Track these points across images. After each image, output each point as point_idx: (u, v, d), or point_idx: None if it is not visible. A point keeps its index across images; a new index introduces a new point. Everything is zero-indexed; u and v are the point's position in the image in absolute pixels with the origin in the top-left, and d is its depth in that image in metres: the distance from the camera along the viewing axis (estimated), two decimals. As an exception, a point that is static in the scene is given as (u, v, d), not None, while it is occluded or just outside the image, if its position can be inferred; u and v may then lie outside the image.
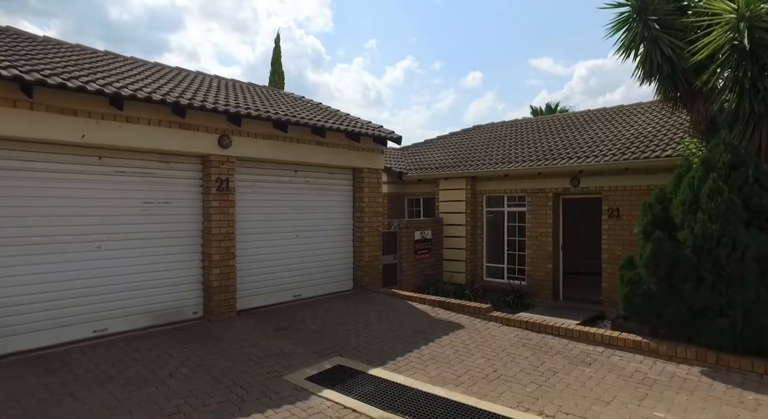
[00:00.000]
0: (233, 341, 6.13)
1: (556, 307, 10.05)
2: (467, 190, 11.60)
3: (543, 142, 11.80)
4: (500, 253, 11.47)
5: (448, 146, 14.52)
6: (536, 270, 10.65)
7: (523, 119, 15.12)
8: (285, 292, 8.13)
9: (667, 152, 8.63)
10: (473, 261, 11.68)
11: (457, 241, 11.73)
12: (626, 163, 8.94)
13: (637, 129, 10.66)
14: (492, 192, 11.48)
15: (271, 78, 15.16)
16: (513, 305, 10.23)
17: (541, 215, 10.58)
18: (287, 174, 8.21)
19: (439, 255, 11.88)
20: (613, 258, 9.53)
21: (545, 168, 10.06)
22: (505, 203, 11.38)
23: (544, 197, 10.55)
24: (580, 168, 9.62)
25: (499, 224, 11.59)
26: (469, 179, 11.57)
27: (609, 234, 9.58)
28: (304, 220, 8.49)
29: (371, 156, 9.32)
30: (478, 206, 11.72)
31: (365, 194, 9.22)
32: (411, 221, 11.13)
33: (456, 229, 11.76)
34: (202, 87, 7.89)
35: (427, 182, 12.70)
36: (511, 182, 11.07)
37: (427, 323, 7.30)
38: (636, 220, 9.38)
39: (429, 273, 11.51)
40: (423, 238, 11.32)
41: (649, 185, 9.11)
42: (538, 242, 10.61)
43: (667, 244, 5.83)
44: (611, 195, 9.57)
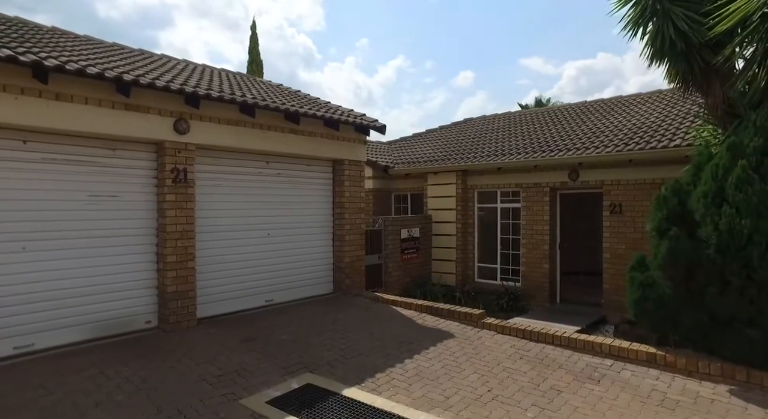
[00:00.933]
0: (187, 355, 5.28)
1: (554, 311, 9.31)
2: (458, 185, 10.82)
3: (539, 134, 11.07)
4: (493, 252, 10.72)
5: (437, 140, 13.74)
6: (532, 271, 9.91)
7: (517, 112, 14.40)
8: (255, 297, 7.29)
9: (676, 141, 7.91)
10: (464, 261, 10.91)
11: (447, 240, 10.96)
12: (630, 154, 8.21)
13: (639, 119, 9.95)
14: (484, 187, 10.71)
15: (249, 68, 14.27)
16: (507, 308, 9.48)
17: (536, 211, 9.84)
18: (258, 165, 7.36)
19: (427, 255, 11.10)
20: (615, 258, 8.81)
21: (541, 160, 9.31)
22: (498, 199, 10.62)
23: (540, 192, 9.81)
24: (579, 160, 8.89)
25: (491, 221, 10.84)
26: (459, 173, 10.80)
27: (611, 232, 8.86)
28: (278, 216, 7.65)
29: (352, 147, 8.50)
30: (470, 202, 10.95)
31: (346, 189, 8.40)
32: (397, 218, 10.33)
33: (445, 227, 10.98)
34: (172, 70, 6.99)
35: (415, 177, 11.90)
36: (505, 175, 10.31)
37: (413, 331, 6.51)
38: (641, 216, 8.67)
39: (416, 274, 10.72)
40: (410, 236, 10.53)
41: (654, 179, 8.40)
42: (534, 241, 9.88)
43: (686, 242, 5.09)
44: (613, 190, 8.85)
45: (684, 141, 7.81)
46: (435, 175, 11.20)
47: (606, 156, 8.48)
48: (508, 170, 10.23)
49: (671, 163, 8.16)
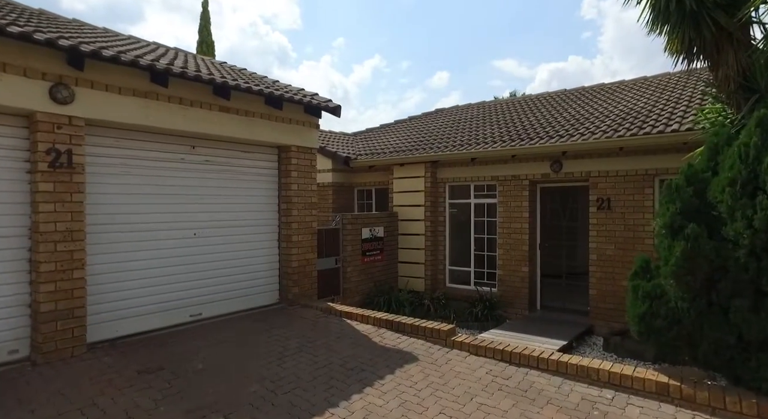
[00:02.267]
0: (53, 400, 3.90)
1: (534, 321, 8.22)
2: (426, 178, 9.63)
3: (516, 122, 9.98)
4: (466, 254, 9.58)
5: (406, 131, 12.54)
6: (509, 275, 8.81)
7: (493, 101, 13.33)
8: (176, 312, 5.92)
9: (672, 126, 6.89)
10: (434, 264, 9.74)
11: (415, 240, 9.76)
12: (621, 141, 7.16)
13: (626, 105, 8.96)
14: (456, 180, 9.56)
15: (199, 49, 12.77)
16: (482, 317, 8.34)
17: (515, 207, 8.73)
18: (180, 150, 5.99)
19: (393, 257, 9.87)
20: (602, 260, 7.77)
21: (520, 149, 8.20)
22: (472, 194, 9.48)
23: (518, 186, 8.70)
24: (563, 148, 7.81)
25: (464, 219, 9.70)
26: (428, 164, 9.61)
27: (598, 230, 7.82)
28: (207, 213, 6.29)
29: (301, 131, 7.20)
30: (440, 197, 9.78)
31: (293, 180, 7.09)
32: (357, 215, 9.07)
33: (413, 225, 9.78)
34: (89, 35, 5.51)
35: (380, 170, 10.67)
36: (479, 167, 9.18)
37: (368, 353, 5.26)
38: (632, 212, 7.65)
39: (380, 279, 9.49)
40: (373, 236, 9.29)
41: (647, 170, 7.38)
42: (512, 241, 8.77)
43: (707, 243, 3.99)
44: (600, 182, 7.80)
45: (682, 126, 6.80)
46: (401, 167, 9.98)
47: (593, 143, 7.42)
48: (482, 161, 9.10)
49: (666, 151, 7.16)
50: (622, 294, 7.52)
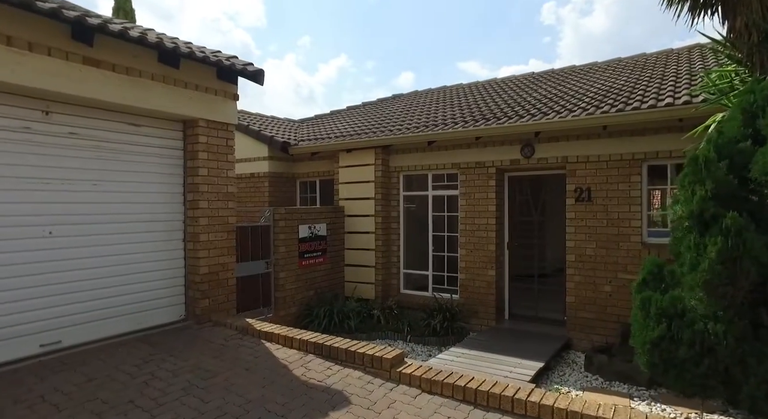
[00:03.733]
0: None
1: (503, 334, 6.94)
2: (377, 166, 8.22)
3: (481, 104, 8.72)
4: (424, 255, 8.23)
5: (358, 116, 11.10)
6: (473, 279, 7.51)
7: (455, 85, 12.07)
8: (17, 341, 4.25)
9: (665, 100, 5.74)
10: (386, 267, 8.34)
11: (364, 239, 8.33)
12: (606, 118, 5.97)
13: (605, 84, 7.84)
14: (412, 169, 8.19)
15: (115, 15, 10.96)
16: (441, 331, 7.00)
17: (479, 200, 7.44)
18: (25, 116, 4.33)
19: (338, 259, 8.41)
20: (582, 261, 6.57)
21: (486, 130, 6.91)
22: (430, 185, 8.14)
23: (483, 175, 7.42)
24: (536, 128, 6.56)
25: (422, 214, 8.35)
26: (379, 150, 8.20)
27: (576, 225, 6.61)
28: (73, 204, 4.65)
29: (213, 102, 5.64)
30: (393, 189, 8.39)
31: (202, 163, 5.54)
32: (293, 210, 7.55)
33: (362, 222, 8.35)
34: None
35: (325, 158, 9.18)
36: (438, 153, 7.84)
37: (282, 394, 3.80)
38: (617, 204, 6.44)
39: (323, 286, 8.01)
40: (313, 235, 7.80)
41: (634, 154, 6.22)
42: (476, 239, 7.47)
43: (757, 239, 2.75)
44: (579, 169, 6.61)
45: (676, 100, 5.66)
46: (348, 154, 8.53)
47: (573, 122, 6.20)
48: (442, 146, 7.77)
49: (657, 131, 6.03)
50: (604, 302, 6.35)
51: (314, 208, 7.99)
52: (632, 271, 6.20)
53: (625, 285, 6.24)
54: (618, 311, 6.29)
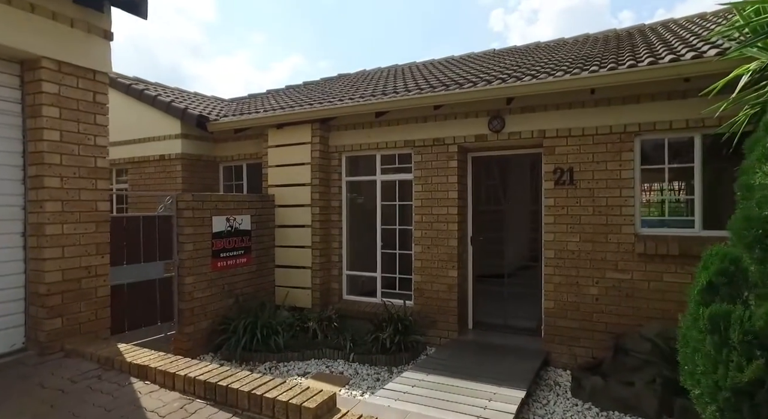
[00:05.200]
0: None
1: (467, 349, 5.63)
2: (314, 145, 6.73)
3: (440, 76, 7.40)
4: (371, 253, 6.82)
5: (297, 95, 9.52)
6: (431, 281, 6.17)
7: (408, 63, 10.74)
8: None
9: (667, 57, 4.62)
10: (326, 268, 6.86)
11: (299, 234, 6.81)
12: (597, 78, 4.79)
13: (581, 53, 6.74)
14: (356, 149, 6.76)
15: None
16: (392, 347, 5.61)
17: (437, 185, 6.12)
18: None
19: (266, 259, 6.84)
20: (562, 257, 5.38)
21: (448, 96, 5.59)
22: (378, 168, 6.74)
23: (443, 155, 6.10)
24: (509, 94, 5.30)
25: (369, 203, 6.95)
26: (317, 126, 6.71)
27: (556, 214, 5.41)
28: None
29: (69, 36, 3.98)
30: (334, 173, 6.93)
31: (50, 124, 3.87)
32: (203, 197, 5.91)
33: (296, 213, 6.83)
34: None
35: (253, 137, 7.58)
36: (389, 129, 6.46)
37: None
38: (605, 188, 5.29)
39: (246, 292, 6.43)
40: (232, 229, 6.20)
41: (626, 125, 5.08)
42: (434, 233, 6.14)
43: None
44: (560, 146, 5.41)
45: (680, 56, 4.54)
46: (279, 131, 6.98)
47: (554, 84, 4.98)
48: (393, 120, 6.39)
49: (654, 98, 4.95)
50: (590, 308, 5.18)
51: (234, 195, 6.39)
52: (623, 269, 5.07)
53: (616, 287, 5.10)
54: (607, 319, 5.14)
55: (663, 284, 4.91)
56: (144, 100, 7.62)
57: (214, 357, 5.74)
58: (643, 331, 4.75)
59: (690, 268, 4.78)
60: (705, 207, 4.89)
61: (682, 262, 4.81)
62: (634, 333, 4.82)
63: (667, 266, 4.88)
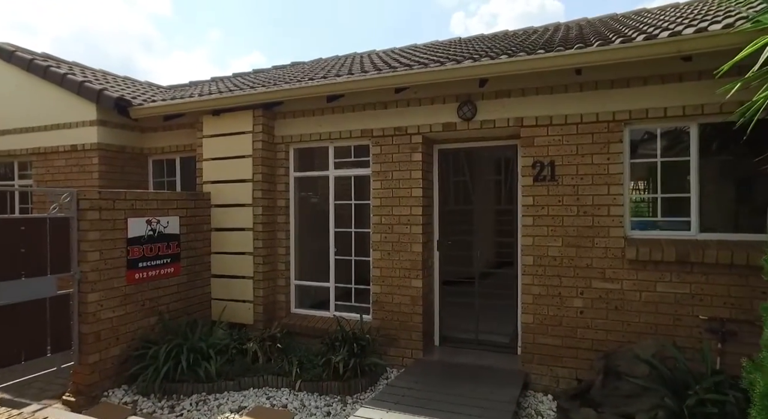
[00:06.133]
0: None
1: (435, 372, 4.83)
2: (257, 135, 5.78)
3: (402, 60, 6.58)
4: (324, 260, 5.93)
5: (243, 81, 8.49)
6: (392, 293, 5.35)
7: (368, 51, 9.90)
8: None
9: (662, 34, 3.99)
10: (271, 278, 5.91)
11: (239, 238, 5.84)
12: (585, 55, 4.10)
13: (553, 38, 6.10)
14: (306, 140, 5.85)
15: None
16: (346, 371, 4.74)
17: (400, 181, 5.31)
18: None
19: (200, 268, 5.83)
20: (543, 263, 4.67)
21: (411, 76, 4.78)
22: (332, 161, 5.86)
23: (406, 147, 5.29)
24: (482, 73, 4.55)
25: (321, 203, 6.07)
26: (260, 112, 5.76)
27: (535, 215, 4.70)
28: None
29: None
30: (280, 167, 6.00)
31: None
32: (114, 194, 4.84)
33: (236, 214, 5.85)
34: None
35: (187, 126, 6.54)
36: (344, 117, 5.60)
37: None
38: (591, 184, 4.54)
39: (174, 308, 5.41)
40: (156, 233, 5.17)
41: (615, 113, 4.43)
42: (396, 237, 5.33)
43: None
44: (539, 136, 4.70)
45: (684, 29, 3.92)
46: (216, 119, 5.99)
47: (536, 62, 4.27)
48: (348, 106, 5.54)
49: (646, 82, 4.33)
50: (574, 322, 4.51)
51: (157, 193, 5.35)
52: (612, 278, 4.41)
53: (603, 298, 4.44)
54: (593, 335, 4.47)
55: (656, 295, 4.28)
56: (50, 79, 6.40)
57: (127, 392, 4.69)
58: (638, 350, 4.10)
59: (687, 277, 4.18)
60: (702, 207, 4.30)
61: (679, 270, 4.19)
62: (626, 352, 4.17)
63: (661, 275, 4.25)
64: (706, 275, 4.12)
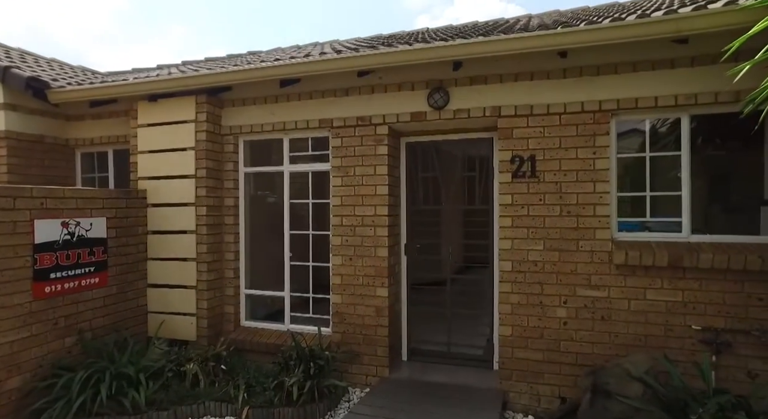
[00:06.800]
0: None
1: (404, 394, 4.27)
2: (200, 124, 5.05)
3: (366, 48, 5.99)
4: (278, 267, 5.27)
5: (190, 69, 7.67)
6: (354, 303, 4.76)
7: (331, 40, 9.24)
8: None
9: (655, 13, 3.58)
10: (217, 287, 5.20)
11: (179, 242, 5.09)
12: (572, 35, 3.64)
13: (529, 24, 5.67)
14: (258, 131, 5.17)
15: None
16: (302, 396, 4.12)
17: (363, 177, 4.72)
18: None
19: (133, 277, 5.05)
20: (522, 269, 4.20)
21: (378, 58, 4.21)
22: (286, 155, 5.21)
23: (370, 139, 4.71)
24: (456, 55, 4.02)
25: (275, 203, 5.40)
26: (204, 98, 5.04)
27: (513, 216, 4.22)
28: None
29: None
30: (228, 162, 5.30)
31: None
32: (13, 190, 4.02)
33: (175, 215, 5.11)
34: None
35: (120, 115, 5.72)
36: (301, 105, 4.96)
37: None
38: (575, 181, 4.05)
39: (99, 325, 4.62)
40: (73, 237, 4.38)
41: (602, 102, 4.00)
42: (359, 240, 4.74)
43: None
44: (519, 127, 4.22)
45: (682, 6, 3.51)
46: (153, 105, 5.22)
47: (517, 42, 3.78)
48: (305, 93, 4.91)
49: (637, 66, 3.91)
50: (557, 334, 4.06)
51: (76, 190, 4.54)
52: (598, 285, 3.98)
53: (588, 307, 4.01)
54: (578, 348, 4.03)
55: (646, 304, 3.88)
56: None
57: (33, 430, 3.90)
58: (628, 366, 3.67)
59: (679, 283, 3.80)
60: (694, 206, 3.93)
61: (670, 275, 3.80)
62: (616, 368, 3.73)
63: (652, 281, 3.85)
64: (700, 282, 3.74)
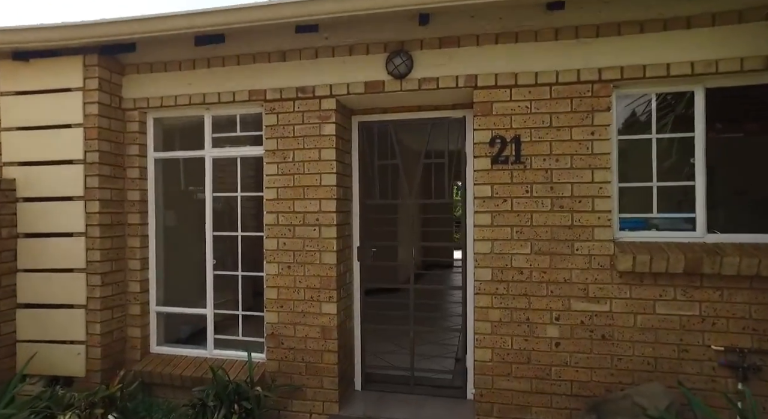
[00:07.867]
0: None
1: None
2: (91, 94, 3.88)
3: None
4: (199, 277, 4.18)
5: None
6: (294, 322, 3.77)
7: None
8: None
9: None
10: (117, 305, 4.05)
11: (62, 248, 3.90)
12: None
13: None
14: (170, 105, 4.06)
15: None
16: (221, 453, 3.09)
17: (305, 164, 3.74)
18: None
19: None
20: (505, 277, 3.37)
21: (321, 5, 3.22)
22: (208, 137, 4.13)
23: (313, 115, 3.73)
24: (422, 7, 3.11)
25: (193, 196, 4.31)
26: (95, 58, 3.87)
27: (493, 211, 3.38)
28: None
29: None
30: (132, 144, 4.15)
31: None
32: None
33: (57, 212, 3.91)
34: None
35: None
36: (225, 72, 3.90)
37: None
38: (569, 169, 3.17)
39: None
40: None
41: (601, 70, 3.22)
42: (300, 243, 3.75)
43: None
44: (500, 101, 3.38)
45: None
46: (23, 67, 4.00)
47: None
48: (231, 56, 3.86)
49: (643, 27, 3.15)
50: (547, 358, 3.26)
51: None
52: (597, 296, 3.22)
53: (586, 324, 3.23)
54: (573, 375, 3.25)
55: (656, 319, 3.15)
56: None
57: None
58: (640, 399, 2.92)
59: (696, 293, 3.09)
60: (710, 200, 3.24)
61: (685, 284, 3.09)
62: (623, 401, 2.98)
63: (663, 291, 3.13)
64: (721, 291, 3.05)
